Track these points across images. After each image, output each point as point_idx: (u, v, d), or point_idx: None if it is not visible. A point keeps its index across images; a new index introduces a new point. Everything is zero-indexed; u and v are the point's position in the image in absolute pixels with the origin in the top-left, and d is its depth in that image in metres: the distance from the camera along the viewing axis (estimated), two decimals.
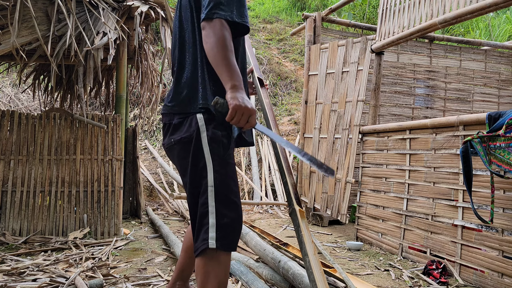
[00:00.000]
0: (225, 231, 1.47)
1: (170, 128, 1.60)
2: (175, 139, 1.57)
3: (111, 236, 3.70)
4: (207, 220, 1.46)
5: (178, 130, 1.56)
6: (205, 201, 1.48)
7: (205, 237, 1.45)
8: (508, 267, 2.44)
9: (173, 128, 1.59)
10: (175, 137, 1.57)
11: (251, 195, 6.77)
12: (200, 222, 1.49)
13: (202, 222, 1.48)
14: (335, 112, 4.49)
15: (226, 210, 1.49)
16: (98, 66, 3.55)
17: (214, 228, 1.45)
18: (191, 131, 1.52)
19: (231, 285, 2.30)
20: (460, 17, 3.00)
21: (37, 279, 2.50)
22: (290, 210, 1.83)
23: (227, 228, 1.47)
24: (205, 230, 1.46)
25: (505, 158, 2.30)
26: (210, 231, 1.45)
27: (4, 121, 3.73)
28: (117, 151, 3.92)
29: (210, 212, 1.47)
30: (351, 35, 5.42)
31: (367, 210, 3.79)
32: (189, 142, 1.52)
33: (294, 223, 1.85)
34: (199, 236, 1.48)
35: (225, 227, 1.47)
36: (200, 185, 1.50)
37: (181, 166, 1.58)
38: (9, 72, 7.93)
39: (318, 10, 11.41)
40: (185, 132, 1.53)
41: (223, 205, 1.49)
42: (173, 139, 1.57)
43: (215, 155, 1.50)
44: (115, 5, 3.87)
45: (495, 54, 5.78)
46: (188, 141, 1.52)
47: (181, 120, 1.56)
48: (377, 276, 2.76)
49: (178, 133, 1.56)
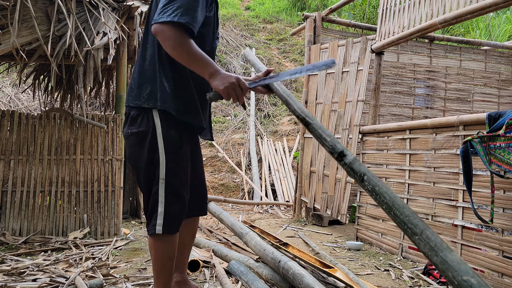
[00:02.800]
0: (170, 218, 1.74)
1: (128, 119, 1.78)
2: (131, 131, 1.75)
3: (111, 236, 3.70)
4: (157, 208, 1.72)
5: (135, 123, 1.74)
6: (156, 191, 1.73)
7: (154, 223, 1.72)
8: (508, 267, 2.44)
9: (130, 120, 1.77)
10: (132, 129, 1.75)
11: (251, 195, 6.77)
12: (151, 209, 1.75)
13: (153, 209, 1.74)
14: (335, 112, 4.49)
15: (174, 201, 1.74)
16: (98, 66, 3.55)
17: (162, 216, 1.72)
18: (148, 127, 1.71)
19: (231, 285, 2.30)
20: (460, 17, 3.00)
21: (37, 279, 2.50)
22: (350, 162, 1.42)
23: (172, 215, 1.74)
24: (155, 217, 1.72)
25: (505, 158, 2.30)
26: (158, 218, 1.72)
27: (4, 121, 3.73)
28: (117, 151, 3.93)
29: (160, 202, 1.72)
30: (351, 35, 5.42)
31: (367, 210, 3.79)
32: (144, 137, 1.72)
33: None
34: (150, 221, 1.76)
35: (171, 215, 1.73)
36: (153, 177, 1.73)
37: (134, 155, 1.78)
38: (9, 72, 7.93)
39: (318, 10, 11.41)
40: (142, 127, 1.72)
41: (172, 196, 1.73)
42: (130, 130, 1.76)
43: (168, 152, 1.71)
44: (115, 5, 3.87)
45: (495, 54, 5.78)
46: (144, 135, 1.72)
47: (137, 113, 1.73)
48: (377, 276, 2.76)
49: (135, 126, 1.74)
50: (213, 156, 7.49)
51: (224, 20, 11.57)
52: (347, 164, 1.28)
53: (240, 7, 13.08)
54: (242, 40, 10.81)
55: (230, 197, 6.62)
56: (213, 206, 4.00)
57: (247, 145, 7.72)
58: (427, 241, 0.99)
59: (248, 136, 7.92)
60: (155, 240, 1.76)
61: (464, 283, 0.85)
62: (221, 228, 4.23)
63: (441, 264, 0.92)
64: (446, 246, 0.95)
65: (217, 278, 2.49)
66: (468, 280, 0.86)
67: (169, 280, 1.83)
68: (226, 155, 7.45)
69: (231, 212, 5.56)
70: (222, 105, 8.97)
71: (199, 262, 2.61)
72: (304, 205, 5.00)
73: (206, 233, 3.99)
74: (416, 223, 1.04)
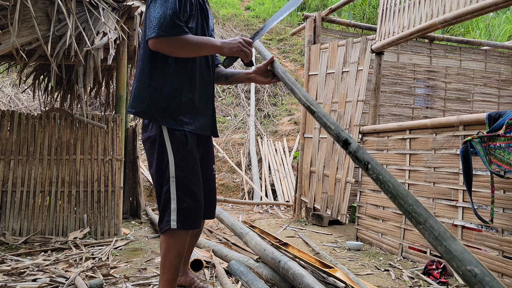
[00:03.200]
0: (184, 214, 1.81)
1: (143, 126, 1.95)
2: (145, 137, 1.91)
3: (111, 236, 3.70)
4: (169, 205, 1.81)
5: (146, 129, 1.91)
6: (167, 189, 1.82)
7: (168, 219, 1.80)
8: (508, 267, 2.44)
9: (143, 126, 1.94)
10: (145, 135, 1.91)
11: (251, 195, 6.77)
12: (164, 207, 1.83)
13: (166, 207, 1.83)
14: (335, 112, 4.49)
15: (186, 197, 1.82)
16: (98, 66, 3.55)
17: (175, 212, 1.80)
18: (155, 132, 1.86)
19: (231, 285, 2.30)
20: (460, 17, 3.00)
21: (37, 279, 2.50)
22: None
23: (186, 212, 1.82)
24: (168, 213, 1.80)
25: (505, 158, 2.30)
26: (172, 214, 1.80)
27: (4, 121, 3.73)
28: (117, 151, 3.92)
29: (172, 199, 1.81)
30: (351, 35, 5.42)
31: (367, 210, 3.79)
32: (154, 140, 1.86)
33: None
34: (163, 218, 1.84)
35: (184, 211, 1.82)
36: (164, 176, 1.83)
37: (149, 159, 1.92)
38: (9, 72, 7.93)
39: (318, 10, 11.41)
40: (151, 132, 1.88)
41: (183, 193, 1.83)
42: (144, 136, 1.92)
43: (176, 151, 1.83)
44: (115, 5, 3.87)
45: (495, 54, 5.78)
46: (154, 139, 1.86)
47: (147, 121, 1.90)
48: (377, 276, 2.76)
49: (146, 132, 1.90)
50: None
51: (224, 20, 11.57)
52: (352, 153, 1.29)
53: (240, 7, 13.08)
54: None
55: (230, 197, 6.63)
56: None
57: (247, 145, 7.72)
58: (431, 230, 0.98)
59: (248, 136, 7.92)
60: (168, 235, 1.83)
61: (468, 273, 0.85)
62: (221, 228, 4.23)
63: (445, 254, 0.92)
64: (450, 235, 0.95)
65: (217, 278, 2.49)
66: (472, 269, 0.86)
67: (174, 279, 1.88)
68: (226, 155, 7.45)
69: (231, 212, 5.56)
70: (222, 105, 8.97)
71: (202, 262, 2.61)
72: (304, 205, 5.00)
73: (206, 233, 3.99)
74: (419, 212, 1.04)
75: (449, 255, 0.91)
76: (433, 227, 0.98)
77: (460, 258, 0.89)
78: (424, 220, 1.01)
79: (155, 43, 1.71)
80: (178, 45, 1.72)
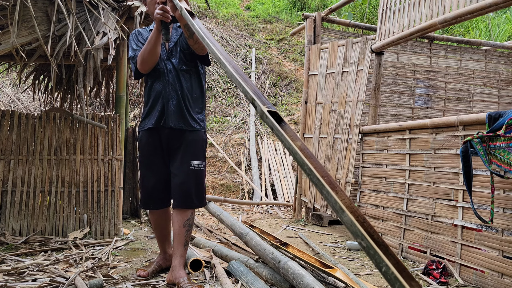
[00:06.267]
0: (141, 197, 2.67)
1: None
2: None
3: (111, 236, 3.70)
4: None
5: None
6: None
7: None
8: (508, 267, 2.44)
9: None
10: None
11: (251, 195, 6.77)
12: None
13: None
14: (335, 112, 4.49)
15: (141, 184, 2.65)
16: (98, 66, 3.55)
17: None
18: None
19: (231, 285, 2.30)
20: (460, 17, 3.00)
21: (37, 279, 2.50)
22: (260, 113, 1.26)
23: (141, 195, 2.67)
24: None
25: (505, 158, 2.30)
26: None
27: (4, 121, 3.73)
28: (117, 151, 3.92)
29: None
30: (351, 35, 5.42)
31: (367, 210, 3.79)
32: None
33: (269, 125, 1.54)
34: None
35: (141, 195, 2.66)
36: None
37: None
38: (9, 72, 7.93)
39: (318, 10, 11.41)
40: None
41: (141, 180, 2.64)
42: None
43: (138, 148, 2.64)
44: (115, 5, 3.87)
45: (495, 54, 5.78)
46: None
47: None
48: (377, 276, 2.76)
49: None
50: (213, 156, 7.49)
51: (224, 20, 11.58)
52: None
53: (240, 7, 13.08)
54: (242, 40, 10.81)
55: (230, 197, 6.62)
56: (213, 206, 4.00)
57: (247, 145, 7.72)
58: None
59: (248, 136, 7.92)
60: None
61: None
62: (221, 228, 4.23)
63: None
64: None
65: (217, 278, 2.49)
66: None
67: (156, 235, 2.76)
68: (226, 155, 7.45)
69: (231, 212, 5.56)
70: (222, 105, 8.98)
71: (202, 262, 2.61)
72: (304, 205, 5.00)
73: (206, 233, 3.99)
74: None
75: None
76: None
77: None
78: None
79: (136, 77, 2.59)
80: (139, 62, 2.42)
